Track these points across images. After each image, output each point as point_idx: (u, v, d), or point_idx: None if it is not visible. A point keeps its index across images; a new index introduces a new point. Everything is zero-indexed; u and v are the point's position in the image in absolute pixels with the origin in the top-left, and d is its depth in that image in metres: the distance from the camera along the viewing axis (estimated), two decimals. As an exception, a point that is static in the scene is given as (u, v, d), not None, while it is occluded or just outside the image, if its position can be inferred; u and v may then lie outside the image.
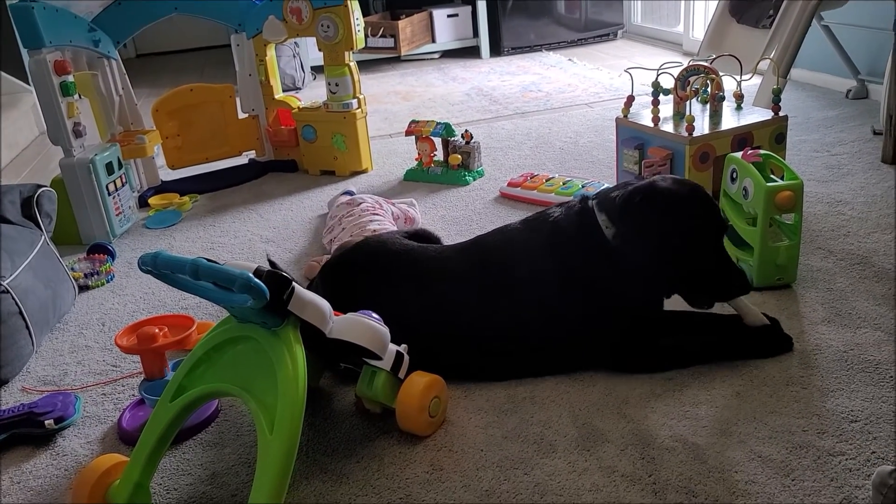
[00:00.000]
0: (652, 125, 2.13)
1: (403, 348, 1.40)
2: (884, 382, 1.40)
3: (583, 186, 2.38)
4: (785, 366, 1.47)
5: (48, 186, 2.09)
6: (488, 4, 4.84)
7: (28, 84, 3.68)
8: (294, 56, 4.44)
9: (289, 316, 1.17)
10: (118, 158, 2.43)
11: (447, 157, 2.68)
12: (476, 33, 4.95)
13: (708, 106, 2.18)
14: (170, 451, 1.37)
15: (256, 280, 1.07)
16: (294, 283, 1.16)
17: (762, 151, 1.77)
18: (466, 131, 2.70)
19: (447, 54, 5.06)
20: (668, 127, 2.11)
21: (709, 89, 2.17)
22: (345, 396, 1.50)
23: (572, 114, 3.43)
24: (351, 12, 2.64)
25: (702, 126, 2.07)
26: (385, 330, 1.31)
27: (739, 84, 2.16)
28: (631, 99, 2.24)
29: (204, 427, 1.45)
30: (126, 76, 2.67)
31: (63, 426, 1.47)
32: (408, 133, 2.75)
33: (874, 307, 1.64)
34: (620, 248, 1.47)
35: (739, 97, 2.17)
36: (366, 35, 3.52)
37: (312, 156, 2.87)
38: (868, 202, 2.17)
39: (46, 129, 2.32)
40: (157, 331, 1.42)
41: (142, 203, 2.68)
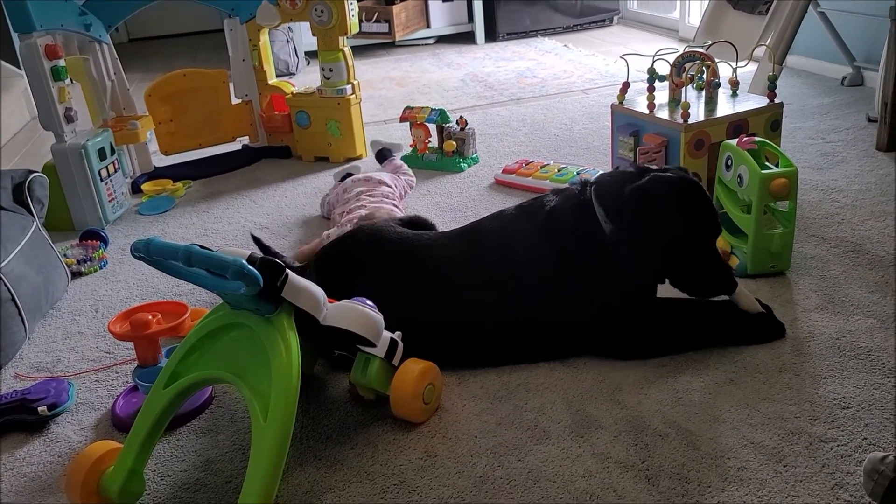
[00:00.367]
0: (647, 112, 2.13)
1: (397, 335, 1.40)
2: (876, 369, 1.40)
3: (578, 173, 2.38)
4: (778, 353, 1.48)
5: (40, 172, 2.07)
6: (483, -11, 4.82)
7: (19, 69, 3.64)
8: (288, 41, 4.41)
9: (282, 303, 1.17)
10: (110, 144, 2.42)
11: (442, 144, 2.68)
12: (471, 18, 4.92)
13: (703, 93, 2.18)
14: (164, 438, 1.37)
15: (250, 267, 1.07)
16: (288, 271, 1.16)
17: (757, 139, 1.77)
18: (461, 118, 2.69)
19: (442, 40, 5.03)
20: (664, 114, 2.10)
21: (704, 76, 2.16)
22: (339, 383, 1.50)
23: (567, 100, 3.42)
24: (345, -3, 2.63)
25: (697, 113, 2.07)
26: (379, 317, 1.30)
27: (735, 71, 2.15)
28: (626, 85, 2.23)
29: (198, 414, 1.45)
30: (118, 61, 2.65)
31: (56, 413, 1.47)
32: (402, 119, 2.74)
33: (867, 294, 1.64)
34: (617, 244, 1.47)
35: (735, 84, 2.17)
36: (360, 20, 3.50)
37: (306, 142, 2.86)
38: (862, 190, 2.17)
39: (38, 114, 2.30)
40: (151, 317, 1.41)
41: (135, 189, 2.67)
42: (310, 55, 4.58)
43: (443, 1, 4.87)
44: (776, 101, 2.09)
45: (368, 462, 1.28)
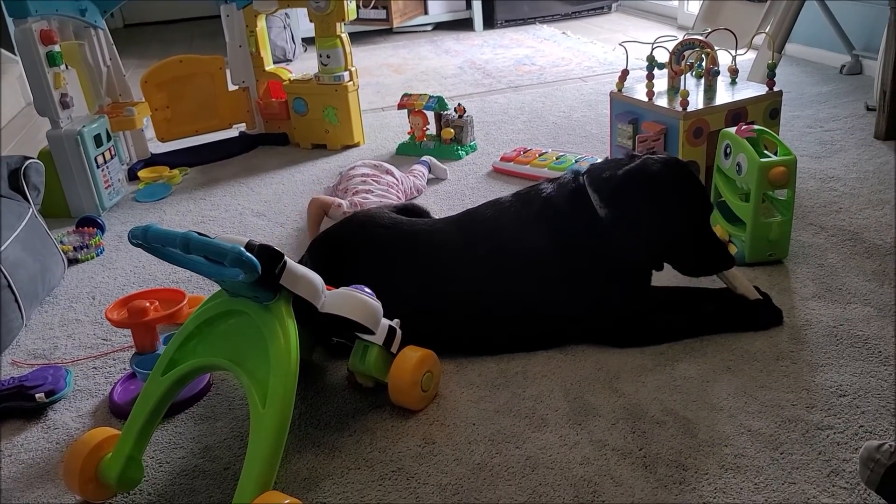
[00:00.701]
0: (646, 100, 2.12)
1: (396, 323, 1.40)
2: (872, 357, 1.41)
3: (576, 161, 2.38)
4: (775, 341, 1.48)
5: (35, 158, 2.07)
6: (482, -24, 4.79)
7: (14, 54, 3.62)
8: (285, 27, 4.38)
9: (281, 290, 1.16)
10: (106, 130, 2.40)
11: (440, 131, 2.67)
12: (469, 5, 4.90)
13: (702, 80, 2.17)
14: (162, 425, 1.37)
15: (248, 254, 1.06)
16: (286, 258, 1.15)
17: (756, 127, 1.76)
18: (459, 105, 2.68)
19: (440, 26, 5.01)
20: (663, 101, 2.09)
21: (703, 64, 2.15)
22: (337, 371, 1.51)
23: (566, 88, 3.41)
24: (342, -17, 2.61)
25: (696, 101, 2.06)
26: (377, 304, 1.30)
27: (734, 59, 2.15)
28: (625, 73, 2.22)
29: (196, 401, 1.45)
30: (114, 46, 2.63)
31: (54, 400, 1.47)
32: (400, 106, 2.73)
33: (864, 283, 1.65)
34: (612, 228, 1.48)
35: (734, 72, 2.16)
36: (357, 6, 3.48)
37: (304, 129, 2.85)
38: (860, 178, 2.17)
39: (33, 100, 2.28)
40: (148, 304, 1.41)
41: (131, 176, 2.66)
42: (307, 41, 4.56)
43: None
44: (775, 90, 2.08)
45: (367, 449, 1.29)
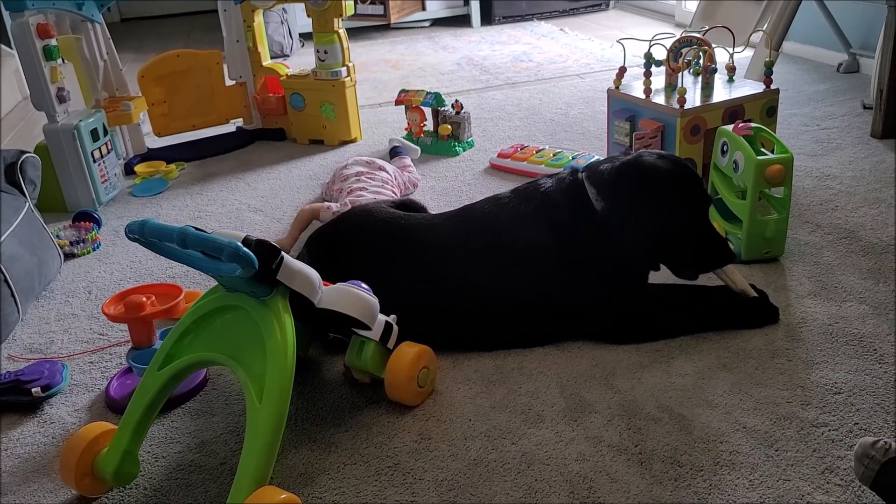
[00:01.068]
0: (643, 97, 2.12)
1: (392, 318, 1.40)
2: (868, 355, 1.41)
3: (573, 158, 2.38)
4: (771, 338, 1.48)
5: (32, 152, 2.06)
6: (479, -28, 4.78)
7: (11, 48, 3.60)
8: (282, 22, 4.37)
9: (278, 285, 1.16)
10: (103, 125, 2.40)
11: (437, 128, 2.66)
12: (467, 2, 4.89)
13: (700, 78, 2.17)
14: (158, 420, 1.37)
15: (245, 249, 1.06)
16: (283, 253, 1.15)
17: (753, 124, 1.76)
18: (457, 101, 2.67)
19: (438, 23, 5.00)
20: (660, 99, 2.10)
21: (701, 61, 2.16)
22: (333, 366, 1.51)
23: (563, 84, 3.40)
24: (340, -22, 2.60)
25: (693, 98, 2.07)
26: (374, 300, 1.30)
27: (732, 56, 2.15)
28: (623, 70, 2.22)
29: (192, 396, 1.45)
30: (111, 41, 2.62)
31: (50, 394, 1.47)
32: (397, 102, 2.72)
33: (860, 281, 1.65)
34: (609, 222, 1.48)
35: (731, 69, 2.16)
36: (355, 2, 3.47)
37: (301, 124, 2.84)
38: (856, 176, 2.17)
39: (30, 94, 2.28)
40: (145, 299, 1.41)
41: (128, 171, 2.65)
42: (304, 37, 4.55)
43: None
44: (772, 88, 2.09)
45: (363, 444, 1.29)
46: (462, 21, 4.95)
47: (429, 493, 1.18)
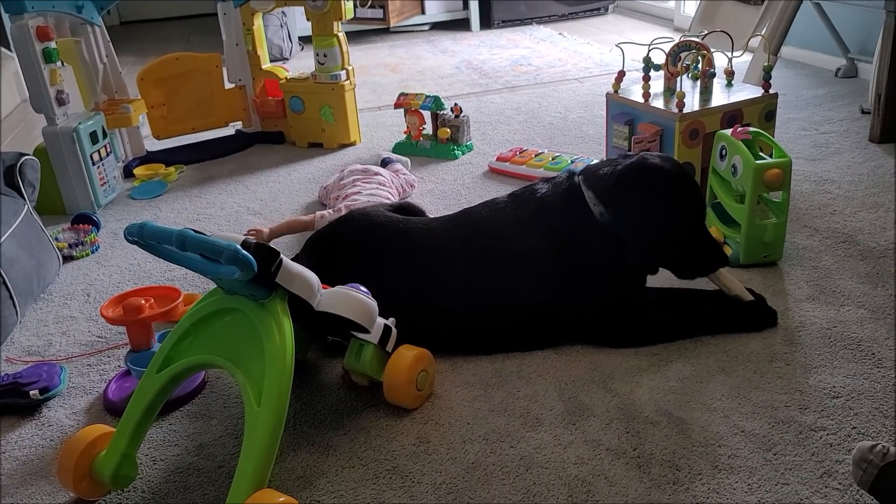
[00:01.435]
0: (642, 101, 2.12)
1: (391, 322, 1.40)
2: (866, 359, 1.41)
3: (572, 162, 2.38)
4: (769, 342, 1.49)
5: (31, 155, 2.06)
6: (479, -24, 4.79)
7: (10, 50, 3.60)
8: (282, 26, 4.37)
9: (276, 288, 1.16)
10: (102, 127, 2.40)
11: (436, 131, 2.67)
12: (466, 5, 4.90)
13: (698, 82, 2.18)
14: (156, 423, 1.37)
15: (244, 252, 1.06)
16: (282, 256, 1.15)
17: (752, 129, 1.77)
18: (456, 105, 2.68)
19: (437, 26, 5.01)
20: (659, 103, 2.10)
21: (700, 65, 2.16)
22: (332, 369, 1.51)
23: (562, 88, 3.41)
24: (340, -19, 2.61)
25: (692, 103, 2.07)
26: (373, 303, 1.30)
27: (730, 61, 2.15)
28: (622, 74, 2.23)
29: (191, 398, 1.45)
30: (110, 43, 2.62)
31: (48, 396, 1.46)
32: (396, 106, 2.73)
33: (858, 285, 1.65)
34: (607, 225, 1.48)
35: (730, 74, 2.17)
36: (354, 5, 3.47)
37: (300, 127, 2.84)
38: (855, 181, 2.18)
39: (29, 97, 2.28)
40: (144, 302, 1.41)
41: (127, 173, 2.65)
42: (304, 40, 4.56)
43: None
44: (771, 92, 2.09)
45: (361, 448, 1.29)
46: (461, 25, 4.96)
47: (427, 497, 1.18)
